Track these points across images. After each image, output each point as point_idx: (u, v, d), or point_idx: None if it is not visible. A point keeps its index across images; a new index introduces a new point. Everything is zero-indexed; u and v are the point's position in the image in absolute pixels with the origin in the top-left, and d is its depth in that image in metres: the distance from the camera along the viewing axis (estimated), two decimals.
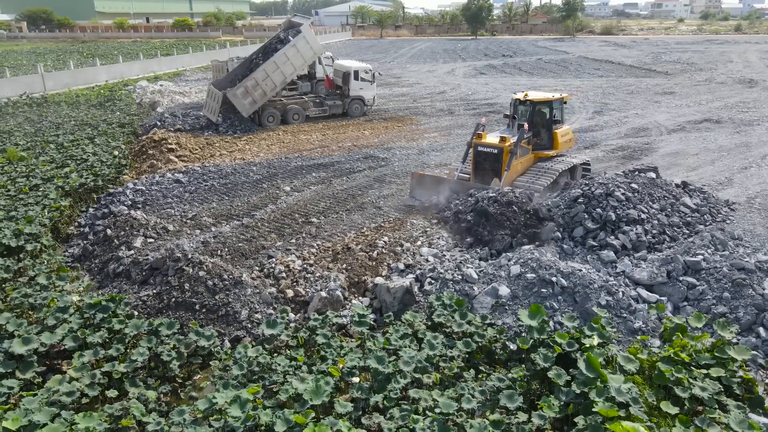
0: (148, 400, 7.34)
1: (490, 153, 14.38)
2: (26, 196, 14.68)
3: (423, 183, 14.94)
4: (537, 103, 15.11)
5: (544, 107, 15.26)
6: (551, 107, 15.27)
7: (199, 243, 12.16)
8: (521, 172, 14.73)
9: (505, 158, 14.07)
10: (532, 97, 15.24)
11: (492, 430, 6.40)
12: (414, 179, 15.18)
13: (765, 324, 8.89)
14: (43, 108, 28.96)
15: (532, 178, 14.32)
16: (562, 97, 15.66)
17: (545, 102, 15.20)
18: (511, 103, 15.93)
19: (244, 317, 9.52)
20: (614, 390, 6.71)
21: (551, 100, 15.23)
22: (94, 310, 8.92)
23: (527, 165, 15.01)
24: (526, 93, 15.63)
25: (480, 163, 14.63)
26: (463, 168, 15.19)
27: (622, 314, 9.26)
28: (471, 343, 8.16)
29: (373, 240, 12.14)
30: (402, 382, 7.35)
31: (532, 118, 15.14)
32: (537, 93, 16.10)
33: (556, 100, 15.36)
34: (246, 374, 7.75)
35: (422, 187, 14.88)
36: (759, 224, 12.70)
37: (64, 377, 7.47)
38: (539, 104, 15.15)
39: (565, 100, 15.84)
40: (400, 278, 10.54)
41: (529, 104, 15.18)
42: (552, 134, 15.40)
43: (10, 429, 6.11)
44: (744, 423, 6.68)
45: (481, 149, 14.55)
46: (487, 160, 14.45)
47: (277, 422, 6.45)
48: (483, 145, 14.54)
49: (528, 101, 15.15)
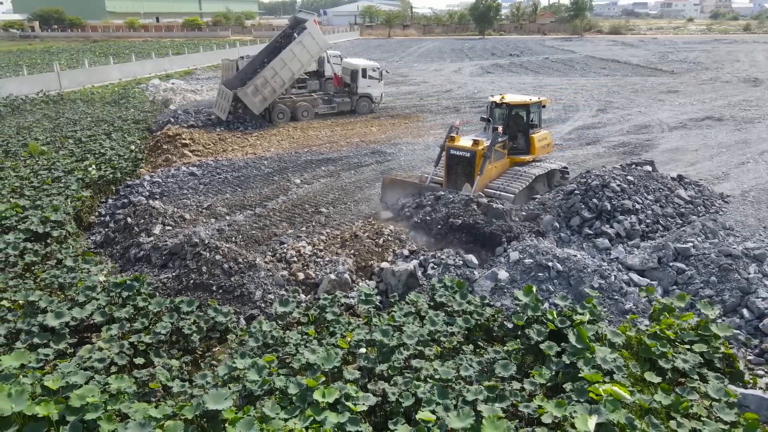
0: (171, 367, 7.98)
1: (463, 157, 13.96)
2: (49, 187, 15.40)
3: (394, 188, 14.46)
4: (513, 106, 14.79)
5: (521, 110, 14.91)
6: (528, 110, 14.90)
7: (215, 230, 12.82)
8: (495, 176, 14.35)
9: (478, 162, 13.66)
10: (508, 99, 14.88)
11: (487, 395, 6.98)
12: (385, 184, 14.75)
13: (749, 306, 9.42)
14: (60, 105, 29.79)
15: (505, 183, 13.97)
16: (540, 101, 15.32)
17: (522, 105, 14.85)
18: (488, 105, 15.53)
19: (258, 297, 10.16)
20: (600, 359, 7.28)
21: (528, 104, 14.87)
22: (119, 288, 9.59)
23: (502, 169, 14.61)
24: (502, 96, 15.24)
25: (452, 167, 14.24)
26: (435, 172, 14.79)
27: (614, 296, 9.82)
28: (470, 320, 8.75)
29: (379, 228, 12.75)
30: (405, 354, 7.95)
31: (508, 121, 14.80)
32: (514, 96, 15.72)
33: (533, 103, 15.01)
34: (261, 346, 8.38)
35: (394, 192, 14.37)
36: (751, 215, 13.20)
37: (95, 347, 8.13)
38: (516, 107, 14.83)
39: (544, 104, 15.56)
40: (404, 263, 11.14)
41: (506, 107, 14.81)
42: (529, 138, 15.02)
43: (51, 388, 6.75)
44: (721, 391, 7.23)
45: (454, 152, 14.13)
46: (460, 164, 14.04)
47: (290, 386, 7.07)
48: (455, 148, 14.13)
49: (504, 104, 14.78)
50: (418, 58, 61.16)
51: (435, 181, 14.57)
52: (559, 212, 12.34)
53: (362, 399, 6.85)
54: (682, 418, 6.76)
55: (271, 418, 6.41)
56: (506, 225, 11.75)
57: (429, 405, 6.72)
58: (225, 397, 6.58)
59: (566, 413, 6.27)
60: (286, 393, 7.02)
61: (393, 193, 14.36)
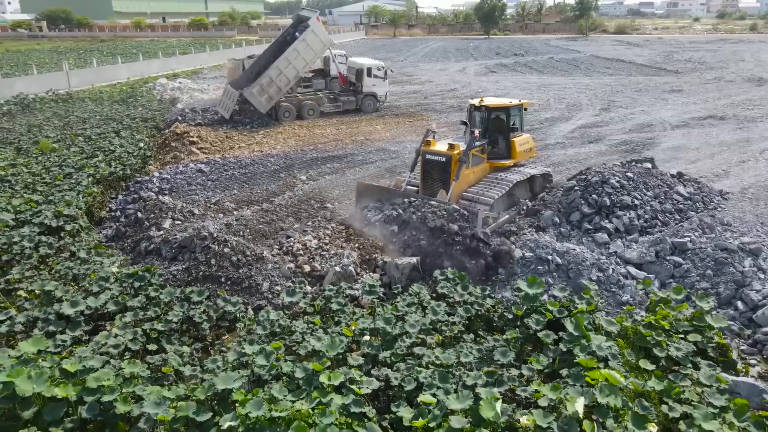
0: (183, 353, 8.30)
1: (438, 161, 13.46)
2: (61, 183, 15.77)
3: (369, 193, 13.81)
4: (493, 110, 14.39)
5: (501, 114, 14.52)
6: (509, 114, 14.53)
7: (223, 225, 13.15)
8: (473, 182, 13.86)
9: (454, 167, 13.15)
10: (487, 102, 14.52)
11: (486, 379, 7.25)
12: (359, 190, 14.11)
13: (743, 298, 9.66)
14: (69, 104, 30.23)
15: (482, 189, 13.49)
16: (520, 104, 14.99)
17: (502, 108, 14.46)
18: (467, 108, 15.08)
19: (266, 289, 10.47)
20: (595, 346, 7.55)
21: (508, 107, 14.50)
22: (131, 279, 9.92)
23: (481, 175, 14.13)
24: (481, 98, 14.90)
25: (428, 172, 13.74)
26: (410, 177, 14.23)
27: (612, 289, 10.08)
28: (471, 310, 9.03)
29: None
30: (408, 342, 8.23)
31: (487, 125, 14.44)
32: (493, 99, 15.34)
33: (513, 106, 14.63)
34: (268, 334, 8.68)
35: (369, 197, 13.70)
36: (749, 212, 13.41)
37: (110, 333, 8.46)
38: (495, 110, 14.43)
39: (525, 107, 15.23)
40: (407, 257, 11.42)
41: (485, 110, 14.41)
42: (509, 143, 14.62)
43: (69, 371, 7.08)
44: (712, 378, 7.49)
45: (429, 157, 13.63)
46: (435, 168, 13.55)
47: (297, 370, 7.37)
48: (431, 152, 13.64)
49: (483, 107, 14.39)
50: (423, 58, 61.42)
51: (411, 185, 14.06)
52: (559, 208, 12.60)
53: (366, 383, 7.14)
54: (673, 403, 7.02)
55: (279, 399, 6.71)
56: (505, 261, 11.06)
57: (430, 389, 7.00)
58: (235, 379, 6.89)
59: (562, 396, 6.53)
60: (293, 377, 7.32)
61: (368, 199, 13.71)
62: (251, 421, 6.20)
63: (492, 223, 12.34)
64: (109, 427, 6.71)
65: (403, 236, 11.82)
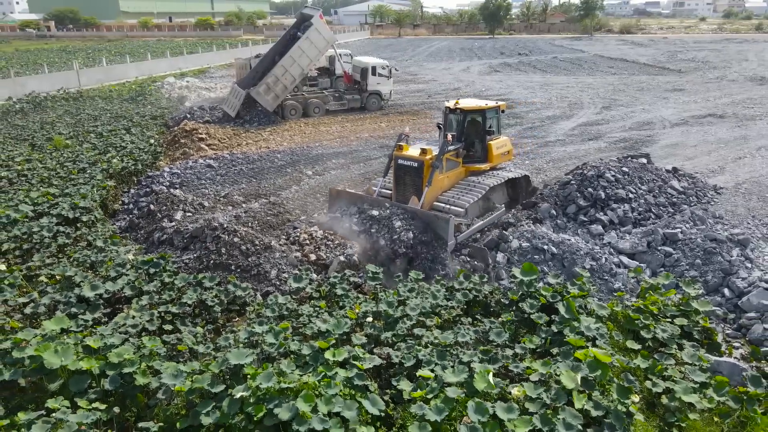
0: (197, 334, 8.81)
1: (410, 167, 13.13)
2: (76, 177, 16.33)
3: (341, 200, 13.51)
4: (468, 112, 14.07)
5: (477, 116, 14.24)
6: (485, 116, 14.22)
7: (232, 217, 13.65)
8: (448, 187, 13.54)
9: (426, 172, 12.86)
10: (463, 105, 14.16)
11: (481, 357, 7.74)
12: (332, 196, 13.87)
13: (730, 286, 10.10)
14: (79, 102, 30.85)
15: (456, 195, 13.20)
16: (497, 106, 14.66)
17: (478, 111, 14.16)
18: (443, 111, 14.73)
19: (273, 276, 10.98)
20: (584, 327, 8.01)
21: (484, 109, 14.17)
22: (147, 266, 10.45)
23: (455, 179, 13.78)
24: (456, 101, 14.52)
25: (400, 177, 13.40)
26: (383, 183, 14.01)
27: (604, 277, 10.53)
28: (468, 295, 9.51)
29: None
30: (408, 323, 8.72)
31: (462, 128, 14.13)
32: (469, 101, 14.88)
33: (490, 108, 14.29)
34: (276, 317, 9.18)
35: (341, 203, 13.41)
36: (741, 206, 13.81)
37: (127, 315, 8.98)
38: (471, 113, 14.12)
39: (502, 109, 14.89)
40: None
41: (460, 113, 14.10)
42: (486, 146, 14.28)
43: (93, 347, 7.60)
44: (695, 357, 7.96)
45: (402, 162, 13.29)
46: (408, 174, 13.21)
47: (303, 348, 7.87)
48: (403, 158, 13.28)
49: (458, 110, 14.06)
50: (427, 57, 61.86)
51: (383, 193, 13.82)
52: (556, 201, 13.04)
53: (368, 359, 7.63)
54: (657, 379, 7.49)
55: (287, 373, 7.20)
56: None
57: (428, 365, 7.49)
58: (246, 354, 7.40)
59: (551, 371, 7.00)
60: (300, 354, 7.82)
61: (340, 206, 13.38)
62: (262, 392, 6.70)
63: (465, 230, 12.27)
64: (130, 398, 7.23)
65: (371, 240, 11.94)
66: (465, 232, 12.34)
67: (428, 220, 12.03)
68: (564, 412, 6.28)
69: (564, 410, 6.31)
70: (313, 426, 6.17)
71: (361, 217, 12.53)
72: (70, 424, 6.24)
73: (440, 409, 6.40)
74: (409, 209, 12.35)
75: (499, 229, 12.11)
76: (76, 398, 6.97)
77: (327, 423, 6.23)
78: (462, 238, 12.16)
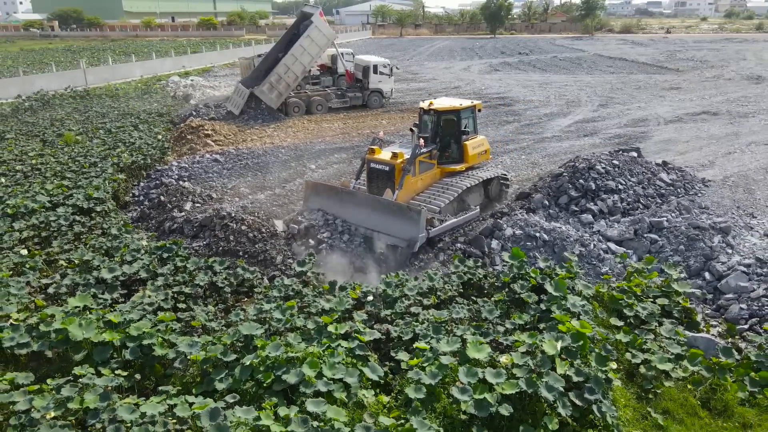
0: (209, 312, 9.43)
1: (382, 171, 13.29)
2: (88, 170, 16.96)
3: (318, 192, 13.68)
4: (442, 113, 14.00)
5: (452, 116, 14.11)
6: (459, 117, 14.10)
7: (239, 207, 14.27)
8: (422, 189, 13.62)
9: (398, 176, 12.93)
10: (437, 105, 14.09)
11: (473, 331, 8.33)
12: (308, 188, 13.94)
13: (710, 270, 10.68)
14: (87, 100, 31.51)
15: (430, 197, 13.28)
16: (473, 105, 14.59)
17: (452, 111, 14.05)
18: (419, 112, 14.66)
19: (279, 261, 11.59)
20: (570, 304, 8.61)
21: (459, 109, 14.06)
22: (160, 251, 11.07)
23: (430, 181, 13.84)
24: (431, 101, 14.44)
25: (373, 180, 13.54)
26: (356, 185, 14.02)
27: (593, 262, 11.13)
28: (463, 277, 10.11)
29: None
30: (406, 303, 9.32)
31: (437, 129, 14.08)
32: (443, 101, 14.80)
33: (465, 108, 14.20)
34: (283, 297, 9.79)
35: (317, 196, 13.61)
36: (727, 197, 14.38)
37: (144, 295, 9.60)
38: (445, 113, 14.03)
39: (479, 108, 14.84)
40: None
41: (434, 114, 14.01)
42: (461, 146, 14.27)
43: (113, 321, 8.21)
44: (672, 332, 8.56)
45: (373, 166, 13.44)
46: (380, 177, 13.34)
47: (308, 323, 8.48)
48: (375, 161, 13.41)
49: (432, 110, 13.97)
50: (428, 57, 62.42)
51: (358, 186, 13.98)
52: (548, 192, 13.63)
53: (369, 333, 8.24)
54: (636, 351, 8.08)
55: (293, 345, 7.81)
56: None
57: (425, 338, 8.09)
58: (256, 328, 8.01)
59: (537, 341, 7.59)
60: (306, 329, 8.43)
61: (316, 198, 13.62)
62: (271, 360, 7.31)
63: (438, 225, 12.38)
64: (148, 367, 7.85)
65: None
66: (438, 227, 12.34)
67: (399, 212, 12.10)
68: (548, 376, 6.87)
69: (548, 374, 6.90)
70: (319, 388, 6.77)
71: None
72: (97, 387, 6.85)
73: (434, 374, 7.00)
74: (381, 200, 12.56)
75: (493, 218, 12.69)
76: (100, 367, 7.58)
77: (331, 386, 6.83)
78: (435, 233, 12.22)
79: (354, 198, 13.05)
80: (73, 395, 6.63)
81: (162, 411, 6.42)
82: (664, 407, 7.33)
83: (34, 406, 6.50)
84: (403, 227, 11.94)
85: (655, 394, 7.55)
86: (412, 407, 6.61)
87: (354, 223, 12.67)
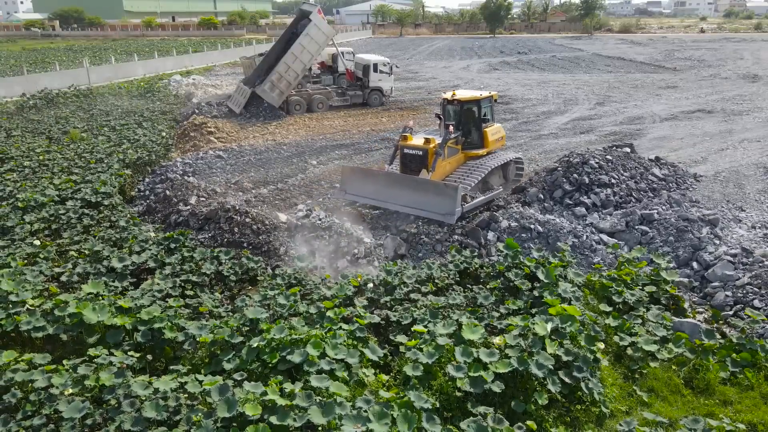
0: (216, 299, 9.82)
1: (416, 155, 14.36)
2: (94, 166, 17.35)
3: (355, 176, 14.44)
4: (464, 102, 15.13)
5: (473, 106, 15.24)
6: (479, 106, 15.24)
7: (243, 201, 14.68)
8: (450, 171, 14.72)
9: (430, 160, 14.05)
10: (459, 96, 15.22)
11: (469, 316, 8.73)
12: (345, 172, 14.65)
13: (698, 260, 11.07)
14: (90, 98, 31.86)
15: (459, 178, 14.31)
16: (491, 95, 15.79)
17: (473, 101, 15.19)
18: (441, 102, 15.89)
19: (282, 253, 11.98)
20: (561, 290, 9.00)
21: (479, 99, 15.23)
22: (168, 242, 11.47)
23: (456, 165, 15.02)
24: (453, 92, 15.58)
25: (406, 165, 14.59)
26: (390, 170, 14.96)
27: (585, 252, 11.52)
28: (459, 265, 10.50)
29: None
30: (405, 290, 9.72)
31: (460, 117, 15.18)
32: (465, 92, 16.05)
33: (484, 98, 15.39)
34: (286, 285, 10.18)
35: (355, 180, 14.35)
36: (718, 192, 14.78)
37: (153, 282, 10.00)
38: (467, 103, 15.16)
39: (495, 98, 16.04)
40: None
41: (457, 103, 15.14)
42: (482, 133, 15.43)
43: (125, 306, 8.61)
44: (659, 316, 8.95)
45: (407, 151, 14.54)
46: (413, 161, 14.40)
47: (310, 308, 8.88)
48: (408, 147, 14.54)
49: (455, 100, 15.10)
50: (428, 56, 62.83)
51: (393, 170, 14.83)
52: (543, 186, 14.03)
53: (369, 318, 8.63)
54: (623, 335, 8.48)
55: (297, 328, 8.20)
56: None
57: (422, 322, 8.49)
58: (261, 312, 8.40)
59: (528, 323, 7.98)
60: (308, 314, 8.82)
61: (353, 183, 14.34)
62: (276, 342, 7.70)
63: (470, 201, 13.43)
64: (159, 349, 8.24)
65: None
66: (471, 203, 13.42)
67: (437, 190, 13.03)
68: (538, 355, 7.26)
69: (538, 354, 7.29)
70: (322, 367, 7.16)
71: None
72: (111, 367, 7.23)
73: (431, 354, 7.39)
74: (420, 179, 13.52)
75: (490, 211, 13.09)
76: (112, 349, 7.97)
77: (333, 365, 7.22)
78: (468, 208, 13.23)
79: (393, 179, 13.87)
80: (89, 374, 7.02)
81: (174, 387, 6.81)
82: (649, 386, 7.73)
83: (52, 383, 6.88)
84: (442, 203, 12.77)
85: (641, 374, 7.94)
86: (410, 384, 7.00)
87: (391, 203, 13.46)
